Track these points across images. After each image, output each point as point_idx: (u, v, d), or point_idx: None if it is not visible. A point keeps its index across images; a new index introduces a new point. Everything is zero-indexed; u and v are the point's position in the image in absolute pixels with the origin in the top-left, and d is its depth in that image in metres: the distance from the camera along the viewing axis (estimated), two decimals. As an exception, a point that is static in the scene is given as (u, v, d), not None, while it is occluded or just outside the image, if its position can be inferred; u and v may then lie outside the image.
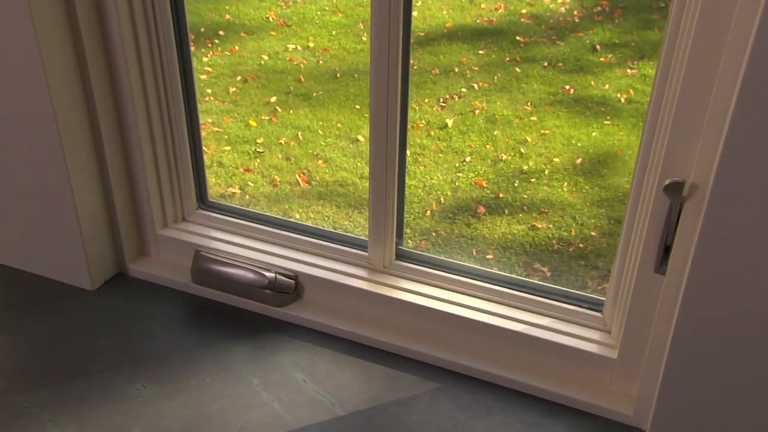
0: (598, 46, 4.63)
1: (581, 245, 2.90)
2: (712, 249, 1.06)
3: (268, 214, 1.71)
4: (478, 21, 5.04)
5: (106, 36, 1.45)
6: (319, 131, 3.66)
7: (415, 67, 4.42)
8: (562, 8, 5.18)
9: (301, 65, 4.13)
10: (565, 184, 3.30)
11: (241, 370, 1.43)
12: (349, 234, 1.65)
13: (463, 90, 4.18)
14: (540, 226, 3.03)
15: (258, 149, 3.52)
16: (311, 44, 4.27)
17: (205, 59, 4.24)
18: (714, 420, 1.20)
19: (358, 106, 3.83)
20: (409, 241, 2.88)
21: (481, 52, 4.63)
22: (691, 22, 1.04)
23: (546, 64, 4.46)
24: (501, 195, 3.23)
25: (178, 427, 1.31)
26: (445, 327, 1.46)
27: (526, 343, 1.40)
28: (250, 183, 3.32)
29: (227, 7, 4.51)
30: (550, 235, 2.96)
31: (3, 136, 1.50)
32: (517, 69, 4.40)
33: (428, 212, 3.14)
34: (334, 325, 1.51)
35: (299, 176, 3.36)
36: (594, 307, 1.43)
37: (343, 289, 1.53)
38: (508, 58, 4.53)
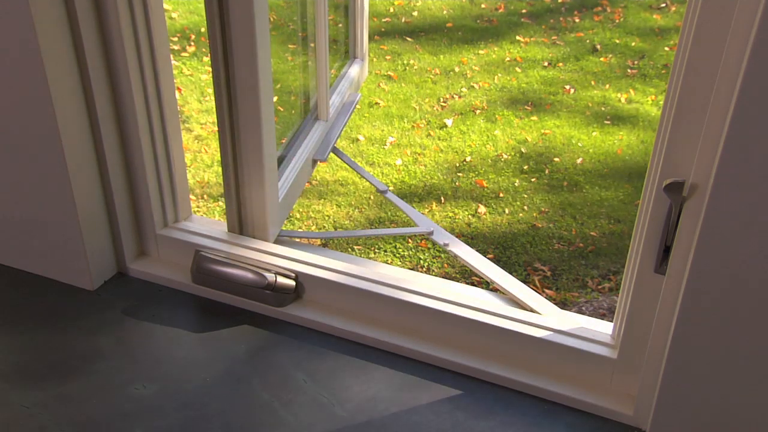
0: (598, 46, 4.63)
1: (581, 244, 2.90)
2: (712, 249, 1.06)
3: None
4: (478, 21, 5.04)
5: (106, 36, 1.45)
6: (320, 131, 3.66)
7: (416, 67, 4.42)
8: (563, 8, 5.18)
9: (302, 65, 4.13)
10: (565, 183, 3.30)
11: (241, 370, 1.43)
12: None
13: (464, 90, 4.18)
14: (540, 225, 3.03)
15: (258, 149, 3.52)
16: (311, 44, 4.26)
17: (205, 59, 4.23)
18: (714, 420, 1.20)
19: (357, 106, 3.83)
20: (409, 240, 2.88)
21: (481, 52, 4.63)
22: (691, 21, 1.04)
23: (546, 64, 4.46)
24: (501, 195, 3.22)
25: (178, 427, 1.31)
26: (444, 327, 1.46)
27: (527, 343, 1.40)
28: (250, 183, 3.31)
29: (227, 7, 4.49)
30: (550, 234, 2.96)
31: (3, 137, 1.50)
32: (517, 69, 4.40)
33: (428, 212, 3.14)
34: (334, 325, 1.51)
35: (299, 176, 3.35)
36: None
37: (343, 289, 1.53)
38: (508, 58, 4.53)
